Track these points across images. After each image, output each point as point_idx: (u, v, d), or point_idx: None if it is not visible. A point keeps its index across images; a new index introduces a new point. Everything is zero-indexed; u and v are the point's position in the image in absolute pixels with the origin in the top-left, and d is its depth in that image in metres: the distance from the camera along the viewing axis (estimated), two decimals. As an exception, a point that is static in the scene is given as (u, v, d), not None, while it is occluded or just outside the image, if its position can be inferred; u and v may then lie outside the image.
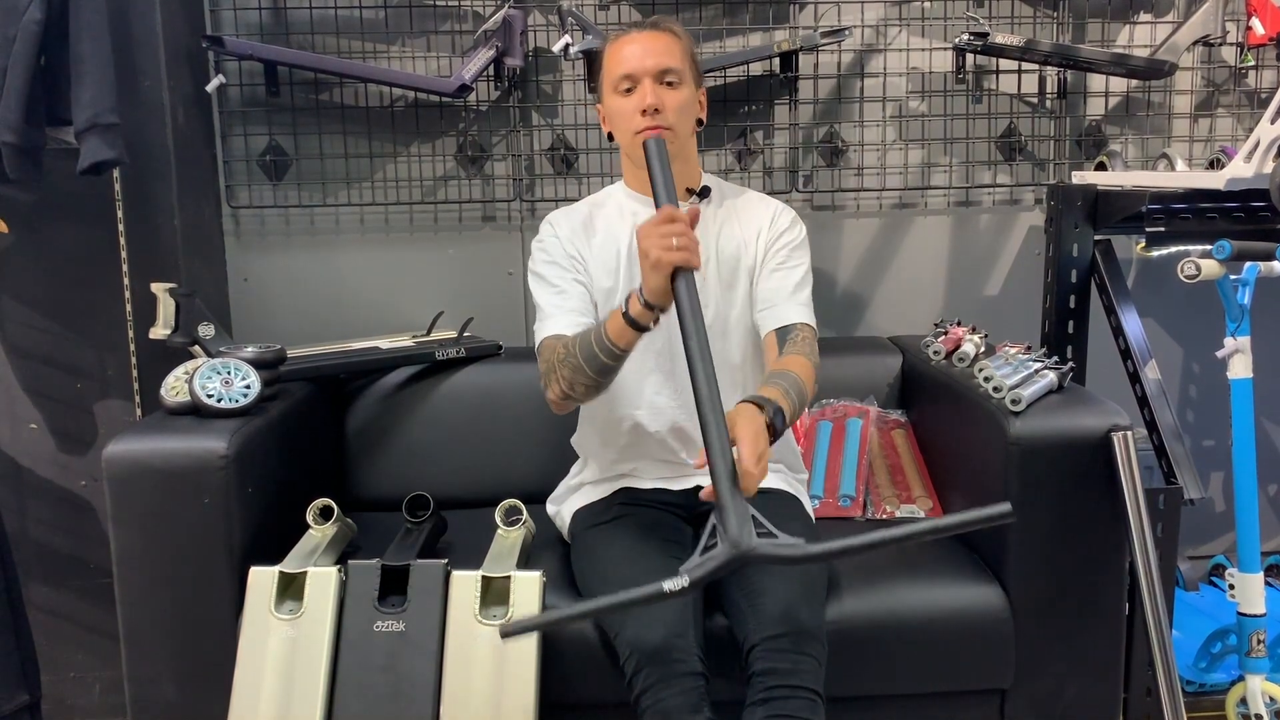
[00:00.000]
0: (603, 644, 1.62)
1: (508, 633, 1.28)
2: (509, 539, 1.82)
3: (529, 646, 1.60)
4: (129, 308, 2.23)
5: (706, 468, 1.35)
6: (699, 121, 1.78)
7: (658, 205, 1.53)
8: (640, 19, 1.79)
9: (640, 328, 1.52)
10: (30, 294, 2.27)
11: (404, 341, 2.29)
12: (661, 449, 1.81)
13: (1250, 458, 1.90)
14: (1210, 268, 1.82)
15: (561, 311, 1.73)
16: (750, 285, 1.81)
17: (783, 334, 1.73)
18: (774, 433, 1.46)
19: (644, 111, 1.67)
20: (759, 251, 1.81)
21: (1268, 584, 2.10)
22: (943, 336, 2.14)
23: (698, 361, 1.39)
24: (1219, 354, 1.89)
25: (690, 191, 1.80)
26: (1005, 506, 1.18)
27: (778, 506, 1.77)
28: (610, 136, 1.79)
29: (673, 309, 1.49)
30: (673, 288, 1.46)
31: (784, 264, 1.80)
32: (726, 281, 1.79)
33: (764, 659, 1.50)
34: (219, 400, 1.80)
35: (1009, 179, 2.53)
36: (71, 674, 2.38)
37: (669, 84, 1.70)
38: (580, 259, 1.79)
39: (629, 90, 1.70)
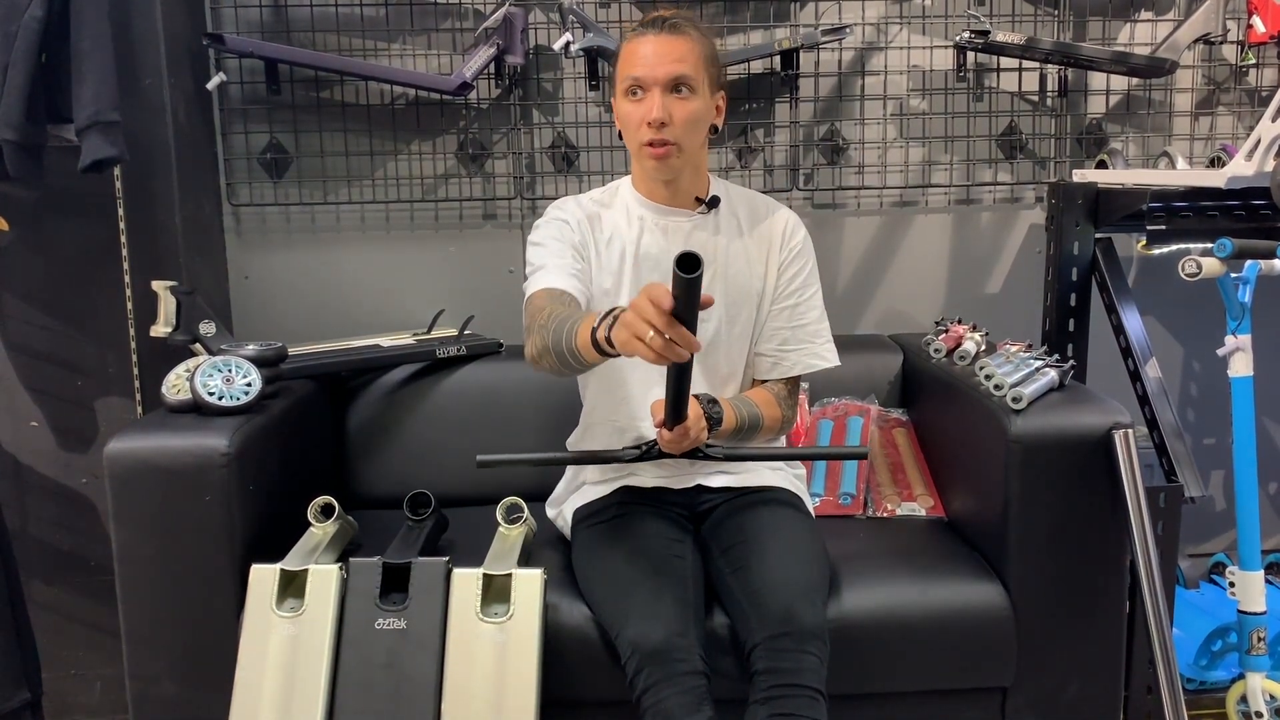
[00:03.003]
0: (604, 642, 1.62)
1: (483, 463, 1.58)
2: (510, 537, 1.82)
3: (530, 645, 1.60)
4: (130, 305, 2.23)
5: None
6: (714, 129, 1.73)
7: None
8: (647, 15, 1.72)
9: (607, 356, 1.43)
10: (31, 291, 2.27)
11: (405, 339, 2.29)
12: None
13: (1251, 456, 1.90)
14: (1211, 266, 1.82)
15: (557, 269, 1.66)
16: (756, 308, 1.80)
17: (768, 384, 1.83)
18: (708, 421, 1.60)
19: (650, 124, 1.64)
20: (769, 275, 1.80)
21: (1268, 582, 2.10)
22: (944, 334, 2.14)
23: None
24: (1220, 352, 1.89)
25: (699, 201, 1.77)
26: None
27: (778, 504, 1.77)
28: (621, 135, 1.75)
29: None
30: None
31: (799, 302, 1.80)
32: (732, 300, 1.77)
33: (766, 658, 1.50)
34: (220, 398, 1.80)
35: (1010, 177, 2.53)
36: (73, 671, 2.38)
37: (680, 93, 1.64)
38: (585, 248, 1.75)
39: (637, 95, 1.65)
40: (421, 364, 2.26)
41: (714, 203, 1.78)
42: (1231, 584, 1.93)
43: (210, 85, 2.32)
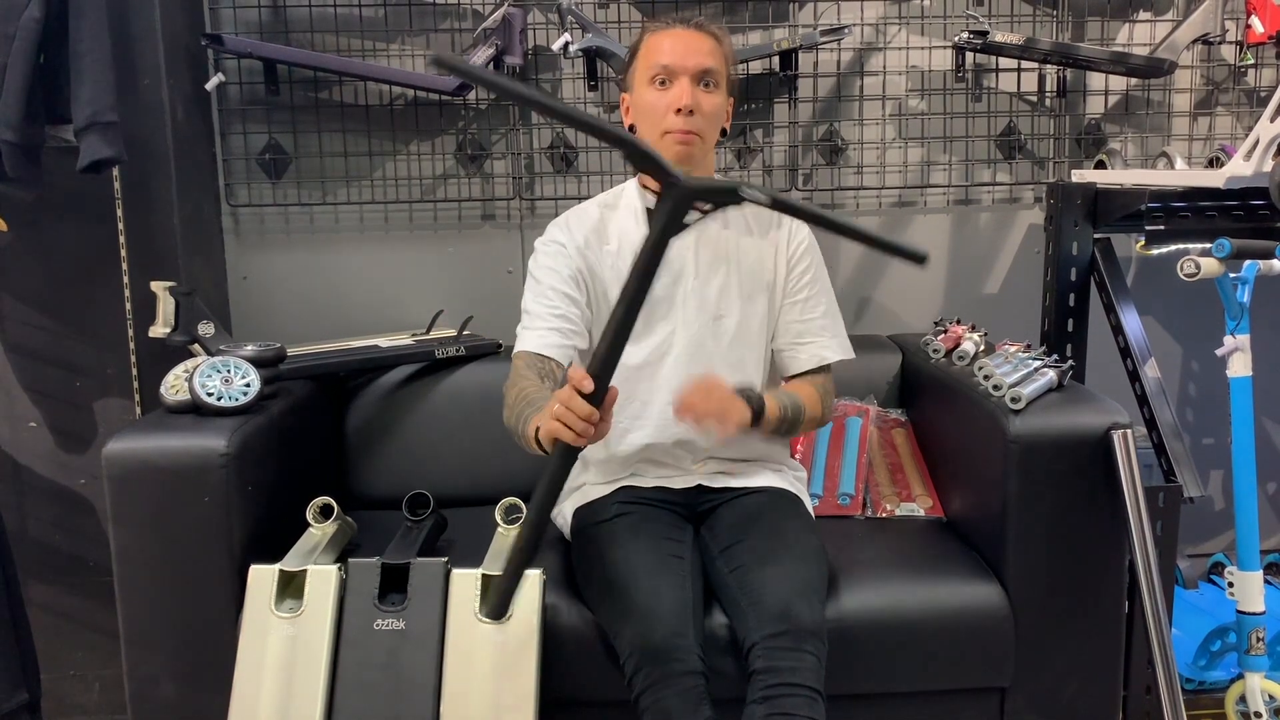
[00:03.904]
0: (603, 643, 1.62)
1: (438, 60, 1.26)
2: (509, 537, 1.82)
3: (529, 645, 1.60)
4: (129, 306, 2.22)
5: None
6: (723, 131, 1.76)
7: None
8: (679, 15, 1.77)
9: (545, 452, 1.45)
10: (30, 292, 2.27)
11: (403, 340, 2.29)
12: (665, 455, 1.81)
13: (1250, 456, 1.90)
14: (1210, 266, 1.82)
15: (542, 324, 1.70)
16: (769, 301, 1.81)
17: (805, 374, 1.85)
18: (752, 410, 1.62)
19: (678, 110, 1.66)
20: (779, 269, 1.82)
21: (1267, 582, 2.10)
22: (942, 335, 2.14)
23: None
24: (1218, 352, 1.90)
25: None
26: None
27: (777, 505, 1.77)
28: (631, 129, 1.76)
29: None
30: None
31: (809, 296, 1.83)
32: (748, 294, 1.79)
33: (764, 657, 1.50)
34: (219, 399, 1.80)
35: (1009, 177, 2.53)
36: (71, 672, 2.38)
37: (706, 86, 1.68)
38: (588, 273, 1.76)
39: (664, 84, 1.68)
40: (420, 364, 2.26)
41: None
42: (1230, 584, 1.93)
43: (209, 86, 2.32)
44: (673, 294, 1.76)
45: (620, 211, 1.81)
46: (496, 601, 1.54)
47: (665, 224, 1.32)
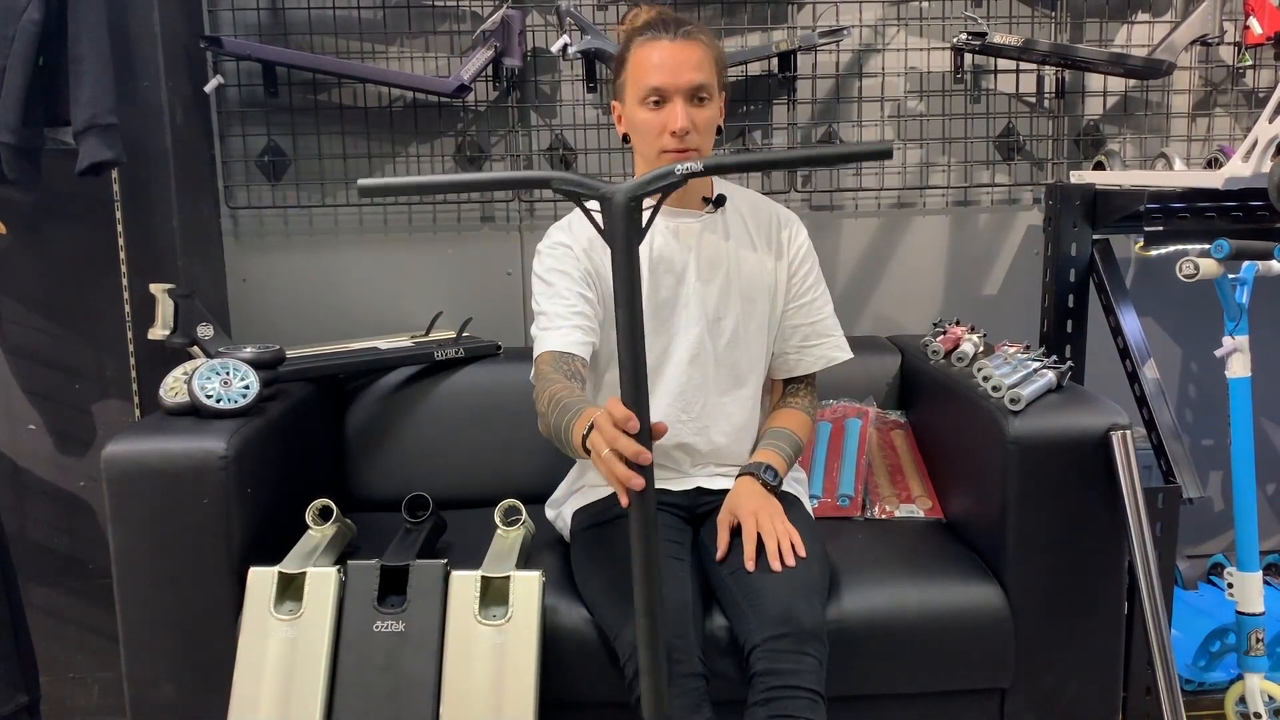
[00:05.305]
0: (603, 644, 1.62)
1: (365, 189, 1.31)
2: (508, 539, 1.82)
3: (529, 647, 1.60)
4: (128, 308, 2.22)
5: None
6: (718, 129, 1.75)
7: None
8: (648, 14, 1.73)
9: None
10: (29, 294, 2.27)
11: (403, 342, 2.29)
12: (665, 458, 1.81)
13: (1249, 457, 1.90)
14: (1209, 267, 1.82)
15: (562, 322, 1.68)
16: (769, 305, 1.82)
17: (794, 383, 1.90)
18: (769, 488, 1.72)
19: (674, 133, 1.64)
20: (779, 273, 1.83)
21: (1266, 583, 2.11)
22: (941, 336, 2.14)
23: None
24: (1217, 353, 1.90)
25: (706, 200, 1.79)
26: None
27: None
28: (625, 138, 1.76)
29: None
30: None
31: (814, 299, 1.86)
32: (748, 295, 1.79)
33: (765, 659, 1.50)
34: (218, 401, 1.80)
35: (1007, 178, 2.53)
36: (70, 675, 2.38)
37: (699, 100, 1.66)
38: (594, 274, 1.74)
39: (657, 104, 1.66)
40: (419, 366, 2.26)
41: (720, 201, 1.79)
42: (1230, 585, 1.93)
43: (208, 88, 2.32)
44: (676, 296, 1.77)
45: None
46: (653, 703, 1.33)
47: (626, 235, 1.31)
